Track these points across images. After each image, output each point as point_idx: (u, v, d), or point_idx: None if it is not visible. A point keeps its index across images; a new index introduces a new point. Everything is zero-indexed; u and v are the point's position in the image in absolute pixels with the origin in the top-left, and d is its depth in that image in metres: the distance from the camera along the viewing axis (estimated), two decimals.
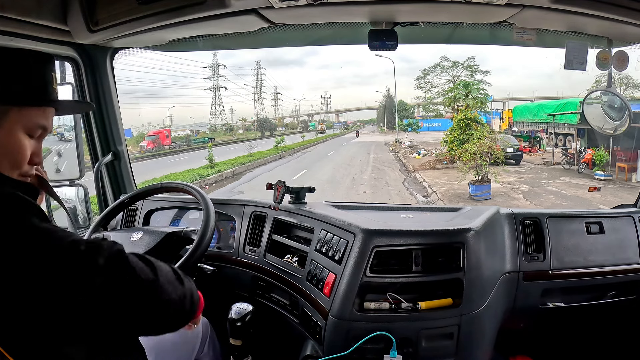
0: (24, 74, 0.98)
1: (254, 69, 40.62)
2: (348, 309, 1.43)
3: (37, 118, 0.98)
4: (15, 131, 0.95)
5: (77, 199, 2.11)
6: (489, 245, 1.56)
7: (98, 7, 1.62)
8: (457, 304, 1.44)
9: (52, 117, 1.03)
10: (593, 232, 1.77)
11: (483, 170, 11.16)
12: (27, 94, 0.97)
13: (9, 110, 0.94)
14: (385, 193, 11.90)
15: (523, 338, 1.95)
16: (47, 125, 1.01)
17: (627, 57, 1.72)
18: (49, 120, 1.02)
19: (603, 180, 11.96)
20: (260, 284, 1.83)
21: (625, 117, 1.85)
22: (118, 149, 2.25)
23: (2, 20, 1.45)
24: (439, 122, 23.33)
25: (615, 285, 1.76)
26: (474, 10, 1.55)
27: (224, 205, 2.00)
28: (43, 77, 1.01)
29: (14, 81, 0.96)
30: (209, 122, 36.60)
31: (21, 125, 0.95)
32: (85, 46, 1.91)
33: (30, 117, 0.97)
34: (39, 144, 1.02)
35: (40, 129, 1.00)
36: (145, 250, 1.64)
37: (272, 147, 22.51)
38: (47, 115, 1.01)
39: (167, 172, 14.40)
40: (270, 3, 1.46)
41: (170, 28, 1.64)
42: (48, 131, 1.03)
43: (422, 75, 20.55)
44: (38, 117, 0.98)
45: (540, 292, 1.70)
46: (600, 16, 1.44)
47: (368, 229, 1.50)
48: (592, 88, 2.09)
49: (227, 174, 15.67)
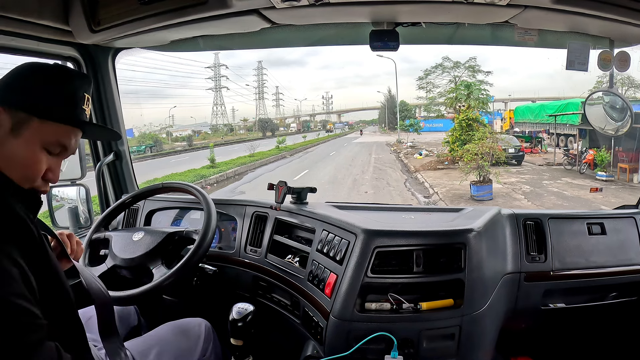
0: (55, 88, 0.96)
1: (256, 69, 40.70)
2: (349, 309, 1.42)
3: (59, 135, 0.96)
4: (33, 144, 0.93)
5: (79, 199, 2.11)
6: (491, 246, 1.55)
7: (100, 7, 1.62)
8: (458, 305, 1.44)
9: (76, 138, 0.99)
10: (594, 233, 1.76)
11: (484, 170, 11.16)
12: (53, 108, 0.95)
13: (31, 120, 0.92)
14: (387, 193, 11.90)
15: (524, 339, 1.94)
16: (69, 145, 0.98)
17: (629, 57, 1.72)
18: (72, 141, 0.98)
19: (605, 181, 11.96)
20: (262, 284, 1.83)
21: (626, 117, 1.85)
22: (120, 149, 2.25)
23: (4, 20, 1.46)
24: (441, 122, 23.34)
25: (617, 286, 1.76)
26: (476, 11, 1.55)
27: (225, 206, 2.00)
28: (74, 95, 0.98)
29: (43, 92, 0.94)
30: (210, 122, 36.64)
31: (40, 138, 0.93)
32: (87, 46, 1.92)
33: (51, 132, 0.94)
34: (57, 161, 0.98)
35: (60, 147, 0.97)
36: (146, 250, 1.65)
37: (274, 148, 22.53)
38: (70, 135, 0.98)
39: (169, 172, 14.42)
40: (272, 3, 1.46)
41: (172, 28, 1.64)
42: (69, 152, 1.00)
43: (423, 75, 20.50)
44: (60, 135, 0.96)
45: (541, 293, 1.69)
46: (602, 17, 1.43)
47: (369, 229, 1.49)
48: (593, 89, 2.08)
49: (228, 174, 15.69)
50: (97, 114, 2.15)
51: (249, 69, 45.97)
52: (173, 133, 31.43)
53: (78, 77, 1.01)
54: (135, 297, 1.54)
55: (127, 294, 1.54)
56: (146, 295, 1.54)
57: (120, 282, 1.63)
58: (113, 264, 1.67)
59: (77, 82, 0.99)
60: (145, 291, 1.54)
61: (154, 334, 1.48)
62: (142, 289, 1.54)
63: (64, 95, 0.96)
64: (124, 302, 1.59)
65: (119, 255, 1.67)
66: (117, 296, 1.53)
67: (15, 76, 0.96)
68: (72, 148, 1.00)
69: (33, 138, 0.92)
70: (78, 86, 0.99)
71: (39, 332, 0.84)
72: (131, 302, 1.62)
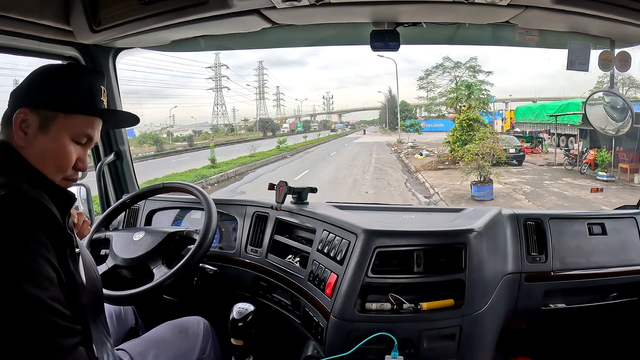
0: (73, 84, 1.06)
1: (256, 69, 40.68)
2: (350, 309, 1.42)
3: (83, 127, 1.06)
4: (62, 137, 1.03)
5: (80, 199, 2.12)
6: (491, 246, 1.55)
7: (100, 7, 1.62)
8: (459, 305, 1.44)
9: (98, 128, 1.10)
10: (595, 233, 1.76)
11: (485, 171, 11.14)
12: (74, 103, 1.05)
13: (56, 117, 1.02)
14: (388, 193, 11.89)
15: (525, 339, 1.94)
16: (93, 135, 1.09)
17: (630, 58, 1.71)
18: (95, 130, 1.09)
19: (605, 181, 11.93)
20: (262, 284, 1.83)
21: (627, 118, 1.85)
22: (120, 149, 2.25)
23: (5, 20, 1.46)
24: (441, 122, 23.29)
25: (618, 287, 1.76)
26: (476, 11, 1.55)
27: (225, 206, 2.00)
28: (91, 89, 1.08)
29: (64, 90, 1.04)
30: (211, 122, 36.64)
31: (67, 131, 1.04)
32: (88, 46, 1.92)
33: (76, 125, 1.05)
34: (84, 151, 1.09)
35: (86, 137, 1.07)
36: (147, 250, 1.65)
37: (274, 148, 22.53)
38: (94, 125, 1.09)
39: (170, 172, 14.43)
40: (273, 3, 1.46)
41: (172, 28, 1.64)
42: (94, 140, 1.10)
43: (424, 75, 20.44)
44: (84, 126, 1.06)
45: (542, 293, 1.69)
46: (602, 17, 1.43)
47: (370, 229, 1.50)
48: (594, 89, 2.08)
49: (229, 174, 15.68)
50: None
51: (249, 69, 46.03)
52: (174, 133, 31.44)
53: (92, 73, 1.15)
54: (135, 297, 1.54)
55: (127, 294, 1.54)
56: (147, 295, 1.54)
57: (121, 282, 1.63)
58: (114, 263, 1.67)
59: (92, 77, 1.11)
60: (146, 291, 1.54)
61: (152, 334, 1.48)
62: (143, 289, 1.54)
63: (82, 90, 1.07)
64: (125, 302, 1.59)
65: (120, 255, 1.67)
66: (117, 295, 1.53)
67: (35, 79, 1.06)
68: (96, 137, 1.11)
69: (61, 132, 1.03)
70: (93, 80, 1.10)
71: (75, 337, 0.91)
72: (131, 301, 1.62)
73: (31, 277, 0.85)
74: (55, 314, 0.87)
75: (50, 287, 0.87)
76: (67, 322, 0.89)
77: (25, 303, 0.83)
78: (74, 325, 0.91)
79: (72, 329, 0.90)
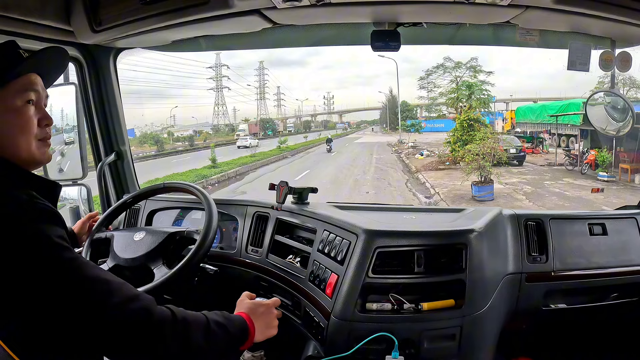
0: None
1: (257, 70, 40.55)
2: (350, 309, 1.42)
3: (19, 88, 0.99)
4: (7, 110, 0.97)
5: (80, 199, 2.12)
6: (492, 247, 1.55)
7: (101, 7, 1.63)
8: (459, 305, 1.43)
9: (35, 82, 1.03)
10: (596, 233, 1.76)
11: (486, 171, 11.14)
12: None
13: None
14: (388, 194, 11.90)
15: (525, 339, 1.94)
16: (33, 90, 1.02)
17: (631, 58, 1.71)
18: (34, 85, 1.02)
19: (606, 182, 11.93)
20: (263, 284, 1.83)
21: (628, 118, 1.85)
22: (121, 149, 2.26)
23: (6, 20, 1.46)
24: (442, 122, 23.23)
25: (618, 287, 1.76)
26: (477, 11, 1.55)
27: (226, 206, 2.00)
28: (3, 56, 1.01)
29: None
30: (211, 122, 36.58)
31: (7, 102, 0.97)
32: (89, 46, 1.92)
33: (13, 89, 0.98)
34: (40, 109, 1.03)
35: (32, 93, 1.01)
36: (148, 250, 1.65)
37: (275, 148, 22.52)
38: (26, 84, 1.01)
39: (170, 172, 14.43)
40: (273, 4, 1.47)
41: (173, 28, 1.64)
42: (42, 95, 1.04)
43: (424, 75, 20.42)
44: (19, 88, 0.99)
45: (542, 294, 1.69)
46: (603, 17, 1.43)
47: (370, 229, 1.49)
48: (595, 89, 2.08)
49: (229, 174, 15.69)
50: (99, 114, 2.16)
51: (250, 69, 45.85)
52: (174, 133, 31.40)
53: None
54: None
55: None
56: None
57: None
58: (114, 263, 1.66)
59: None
60: (146, 291, 1.53)
61: None
62: (143, 289, 1.54)
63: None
64: None
65: (120, 255, 1.67)
66: None
67: None
68: (43, 90, 1.05)
69: (4, 105, 0.97)
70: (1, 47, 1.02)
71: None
72: None
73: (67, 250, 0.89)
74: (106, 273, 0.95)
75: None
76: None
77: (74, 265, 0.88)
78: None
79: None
